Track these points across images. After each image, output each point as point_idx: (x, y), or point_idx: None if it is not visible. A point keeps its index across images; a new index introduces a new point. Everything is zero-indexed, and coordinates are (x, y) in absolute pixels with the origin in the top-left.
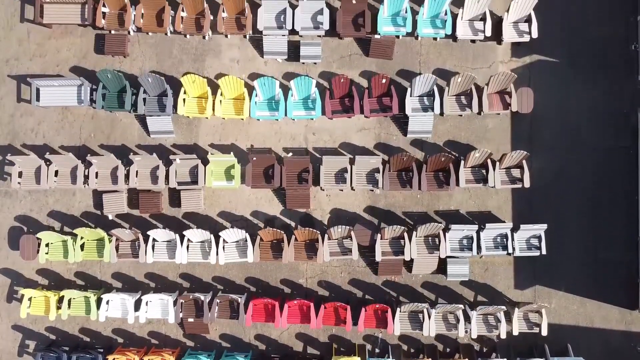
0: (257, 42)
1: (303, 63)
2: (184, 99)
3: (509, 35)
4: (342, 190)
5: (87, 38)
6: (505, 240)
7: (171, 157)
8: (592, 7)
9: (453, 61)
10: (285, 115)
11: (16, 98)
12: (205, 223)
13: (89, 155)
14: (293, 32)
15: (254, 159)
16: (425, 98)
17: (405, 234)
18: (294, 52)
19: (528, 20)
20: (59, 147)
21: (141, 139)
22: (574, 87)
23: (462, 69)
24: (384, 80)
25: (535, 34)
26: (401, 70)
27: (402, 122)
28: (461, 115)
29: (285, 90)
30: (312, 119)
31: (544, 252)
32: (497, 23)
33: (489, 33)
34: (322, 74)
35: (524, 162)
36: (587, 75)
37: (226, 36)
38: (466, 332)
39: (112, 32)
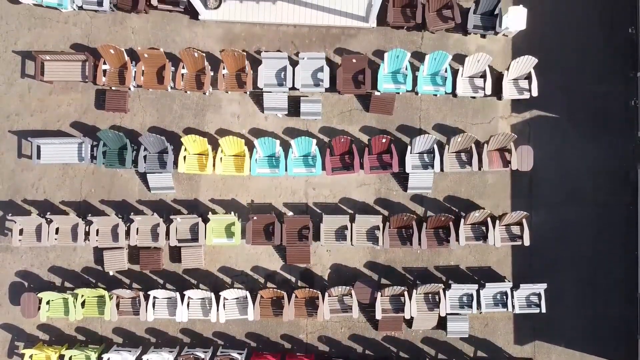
0: (257, 97)
1: (303, 119)
2: (184, 157)
3: (509, 92)
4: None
5: (87, 93)
6: (505, 297)
7: (172, 217)
8: (592, 64)
9: (453, 117)
10: (286, 171)
11: (17, 153)
12: (205, 278)
13: (89, 215)
14: (293, 87)
15: (254, 218)
16: (425, 155)
17: (406, 292)
18: (294, 107)
19: (528, 77)
20: (59, 202)
21: (142, 195)
22: (574, 143)
23: (462, 124)
24: (384, 140)
25: (535, 93)
26: (401, 125)
27: (402, 177)
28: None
29: (286, 145)
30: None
31: (543, 310)
32: (498, 79)
33: (489, 91)
34: (323, 129)
35: (523, 220)
36: (587, 131)
37: (227, 92)
38: None
39: (113, 89)
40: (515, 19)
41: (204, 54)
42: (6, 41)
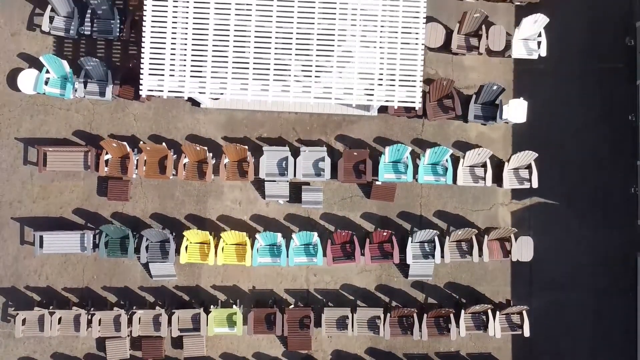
0: (259, 183)
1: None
2: (186, 246)
3: (510, 182)
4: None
5: (89, 180)
6: None
7: (172, 311)
8: (592, 152)
9: (454, 203)
10: (287, 257)
11: (19, 240)
12: None
13: (91, 303)
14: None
15: (255, 310)
16: (426, 244)
17: None
18: (295, 193)
19: (529, 167)
20: (62, 289)
21: (144, 281)
22: (574, 230)
23: (463, 211)
24: (384, 233)
25: (535, 185)
26: (402, 212)
27: (403, 263)
28: None
29: (287, 231)
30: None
31: None
32: (498, 166)
33: (489, 183)
34: (324, 215)
35: (523, 311)
36: (588, 218)
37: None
38: None
39: (115, 178)
40: (515, 112)
41: (206, 148)
42: (9, 128)
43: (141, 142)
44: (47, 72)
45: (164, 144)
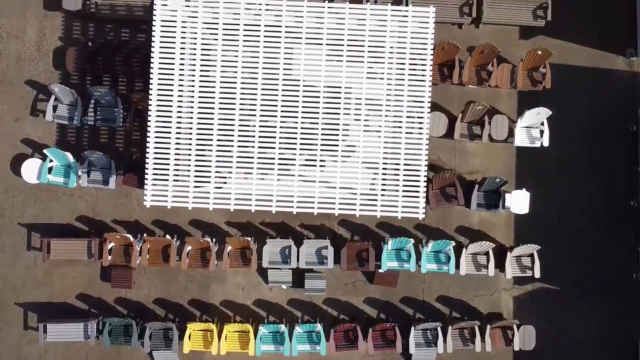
0: (262, 269)
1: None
2: (189, 334)
3: (512, 271)
4: None
5: (93, 266)
6: None
7: None
8: (595, 237)
9: (456, 289)
10: (290, 350)
11: (23, 325)
12: None
13: None
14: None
15: None
16: (428, 332)
17: None
18: (298, 278)
19: (531, 256)
20: None
21: None
22: (577, 313)
23: (465, 296)
24: (388, 325)
25: (537, 275)
26: (405, 297)
27: (406, 348)
28: None
29: (289, 313)
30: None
31: None
32: (501, 251)
33: (492, 273)
34: (327, 300)
35: None
36: (590, 303)
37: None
38: None
39: (118, 266)
40: (518, 202)
41: (209, 240)
42: (12, 213)
43: (145, 235)
44: (51, 160)
45: (167, 236)
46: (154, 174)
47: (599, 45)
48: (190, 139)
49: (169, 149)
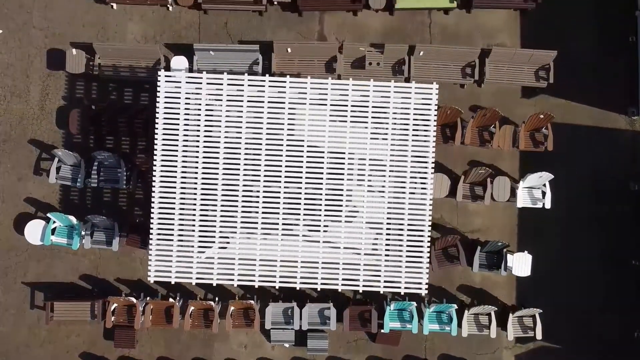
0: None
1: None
2: None
3: (514, 332)
4: None
5: (96, 325)
6: None
7: None
8: (596, 299)
9: (458, 347)
10: None
11: None
12: None
13: None
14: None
15: None
16: None
17: None
18: (300, 337)
19: (532, 316)
20: None
21: None
22: None
23: (467, 354)
24: None
25: (539, 337)
26: (407, 356)
27: None
28: None
29: None
30: None
31: None
32: (504, 310)
33: (494, 334)
34: (329, 359)
35: None
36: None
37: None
38: None
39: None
40: (520, 265)
41: (212, 303)
42: (15, 272)
43: (147, 298)
44: (54, 221)
45: (170, 297)
46: (157, 249)
47: (600, 104)
48: (194, 205)
49: (173, 219)
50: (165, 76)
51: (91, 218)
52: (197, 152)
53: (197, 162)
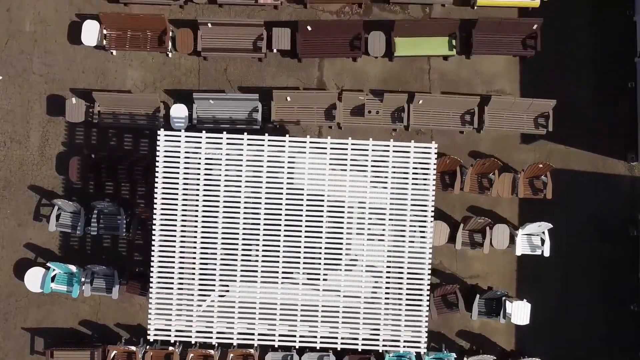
0: None
1: None
2: None
3: None
4: None
5: None
6: None
7: None
8: (597, 343)
9: None
10: None
11: None
12: None
13: None
14: None
15: None
16: None
17: None
18: None
19: None
20: None
21: None
22: None
23: None
24: None
25: None
26: None
27: None
28: None
29: None
30: None
31: None
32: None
33: None
34: None
35: None
36: None
37: None
38: None
39: None
40: (519, 313)
41: (212, 352)
42: (15, 318)
43: (147, 347)
44: (54, 269)
45: (170, 347)
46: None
47: (600, 150)
48: (194, 255)
49: (172, 277)
50: (165, 135)
51: (91, 267)
52: (197, 206)
53: (196, 216)
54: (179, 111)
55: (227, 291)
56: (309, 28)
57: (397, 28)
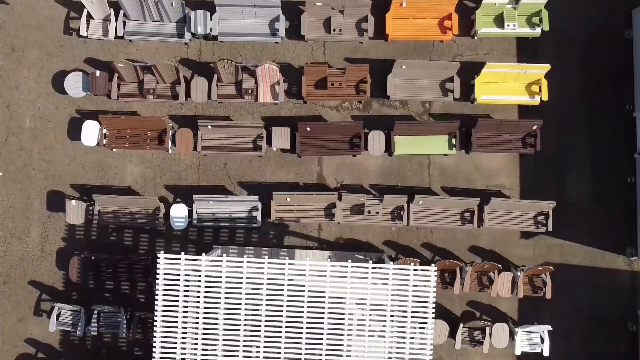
0: None
1: None
2: None
3: None
4: None
5: None
6: None
7: None
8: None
9: None
10: None
11: None
12: None
13: None
14: None
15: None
16: None
17: None
18: None
19: None
20: None
21: None
22: None
23: None
24: None
25: None
26: None
27: None
28: None
29: None
30: None
31: None
32: None
33: None
34: None
35: None
36: None
37: None
38: None
39: None
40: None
41: None
42: None
43: None
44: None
45: None
46: None
47: (599, 245)
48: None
49: None
50: (165, 258)
51: None
52: (197, 315)
53: (197, 324)
54: (178, 211)
55: None
56: (308, 129)
57: (397, 128)
